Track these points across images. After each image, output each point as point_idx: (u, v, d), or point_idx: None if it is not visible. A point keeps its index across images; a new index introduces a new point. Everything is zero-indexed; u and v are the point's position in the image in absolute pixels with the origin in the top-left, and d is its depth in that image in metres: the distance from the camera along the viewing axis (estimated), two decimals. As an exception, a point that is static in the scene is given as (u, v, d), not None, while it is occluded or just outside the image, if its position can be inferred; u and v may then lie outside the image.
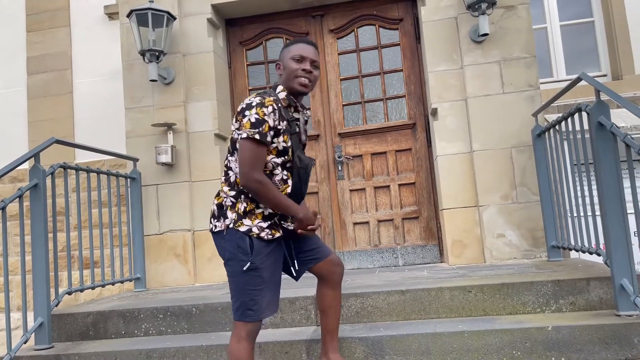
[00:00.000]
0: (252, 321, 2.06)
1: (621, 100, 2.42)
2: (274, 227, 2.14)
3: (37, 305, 2.94)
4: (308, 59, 2.17)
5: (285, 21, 4.73)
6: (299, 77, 2.15)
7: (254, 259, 2.04)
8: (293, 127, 2.16)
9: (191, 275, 4.19)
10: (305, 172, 2.20)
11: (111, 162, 4.96)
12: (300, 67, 2.15)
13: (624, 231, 2.45)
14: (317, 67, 2.22)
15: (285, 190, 2.16)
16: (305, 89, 2.17)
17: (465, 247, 3.92)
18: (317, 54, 2.22)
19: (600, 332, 2.40)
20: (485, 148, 3.91)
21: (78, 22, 5.39)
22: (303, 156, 2.20)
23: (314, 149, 4.60)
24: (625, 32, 4.82)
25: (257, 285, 2.05)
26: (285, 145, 2.12)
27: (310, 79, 2.18)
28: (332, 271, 2.33)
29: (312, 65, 2.19)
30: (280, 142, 2.10)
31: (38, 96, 5.35)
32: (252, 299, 2.05)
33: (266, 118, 2.03)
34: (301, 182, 2.20)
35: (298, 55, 2.16)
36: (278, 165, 2.13)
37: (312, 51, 2.19)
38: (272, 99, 2.08)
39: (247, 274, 2.04)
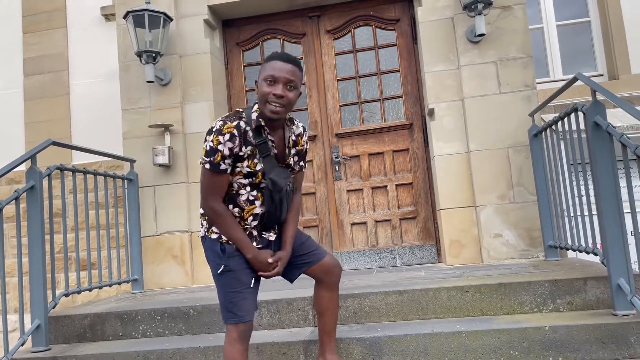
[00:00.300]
0: (235, 323, 2.06)
1: (617, 100, 2.43)
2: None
3: (34, 307, 2.93)
4: (281, 80, 1.99)
5: (282, 22, 4.73)
6: (269, 104, 2.00)
7: (227, 262, 2.07)
8: (264, 150, 2.06)
9: (189, 276, 4.18)
10: (279, 196, 2.11)
11: (108, 164, 4.95)
12: (271, 92, 1.99)
13: (621, 231, 2.45)
14: (294, 88, 2.03)
15: (251, 211, 2.11)
16: (275, 115, 2.01)
17: (462, 247, 3.93)
18: (295, 71, 2.02)
19: (597, 332, 2.41)
20: (482, 148, 3.91)
21: (75, 23, 5.39)
22: (277, 179, 2.08)
23: (311, 150, 4.60)
24: (622, 32, 4.83)
25: (234, 288, 2.06)
26: (251, 170, 2.05)
27: (282, 104, 2.00)
28: (328, 273, 2.32)
29: (286, 87, 2.00)
30: (244, 167, 2.04)
31: (35, 97, 5.34)
32: (231, 301, 2.06)
33: (220, 147, 1.97)
34: (275, 205, 2.12)
35: (270, 76, 2.00)
36: (245, 185, 2.09)
37: (287, 70, 2.00)
38: (234, 125, 1.99)
39: (223, 277, 2.08)
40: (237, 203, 2.11)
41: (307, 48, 4.71)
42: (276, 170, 2.10)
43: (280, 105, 2.01)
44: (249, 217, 2.12)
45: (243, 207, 2.11)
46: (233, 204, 2.11)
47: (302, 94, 2.22)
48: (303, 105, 4.67)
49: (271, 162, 2.09)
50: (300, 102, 4.69)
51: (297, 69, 2.04)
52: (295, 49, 4.73)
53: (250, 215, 2.12)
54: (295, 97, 2.05)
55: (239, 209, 2.11)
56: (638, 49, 4.80)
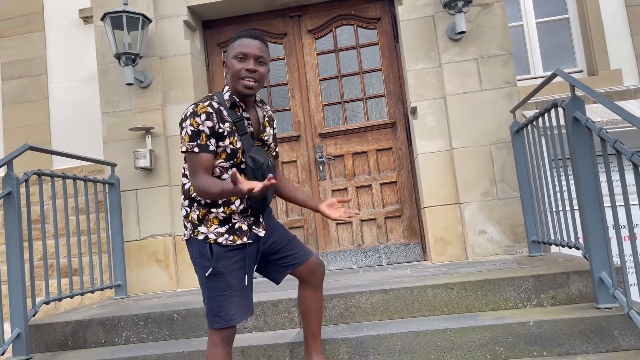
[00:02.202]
0: (220, 327, 2.01)
1: (595, 95, 2.44)
2: (236, 232, 2.05)
3: (13, 315, 2.87)
4: (251, 55, 2.01)
5: (263, 22, 4.71)
6: (242, 79, 2.02)
7: (215, 265, 2.01)
8: (241, 128, 2.05)
9: (173, 280, 4.14)
10: (261, 173, 2.06)
11: (90, 168, 4.88)
12: (244, 67, 2.01)
13: (602, 225, 2.47)
14: (264, 63, 2.06)
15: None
16: (250, 90, 2.04)
17: (447, 245, 3.93)
18: (262, 47, 2.05)
19: (580, 326, 2.42)
20: (464, 145, 3.93)
21: (52, 26, 5.31)
22: (257, 156, 2.06)
23: (295, 150, 4.58)
24: (600, 29, 4.88)
25: (222, 291, 2.00)
26: (234, 147, 2.03)
27: (255, 78, 2.03)
28: (313, 273, 2.29)
29: (257, 62, 2.03)
30: (228, 145, 2.02)
31: (13, 102, 5.25)
32: (218, 304, 2.01)
33: (201, 128, 1.96)
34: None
35: (240, 53, 2.02)
36: (227, 169, 2.05)
37: (255, 46, 2.03)
38: (206, 104, 1.99)
39: (211, 280, 2.02)
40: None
41: (288, 48, 4.69)
42: (254, 148, 2.09)
43: (253, 79, 2.02)
44: (235, 199, 2.06)
45: None
46: None
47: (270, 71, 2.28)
48: (286, 105, 4.65)
49: (249, 141, 2.08)
50: (283, 103, 4.67)
51: (264, 45, 2.08)
52: (276, 49, 4.71)
53: (237, 199, 2.06)
54: (265, 72, 2.08)
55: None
56: (616, 45, 4.86)
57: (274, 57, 4.70)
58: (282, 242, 2.24)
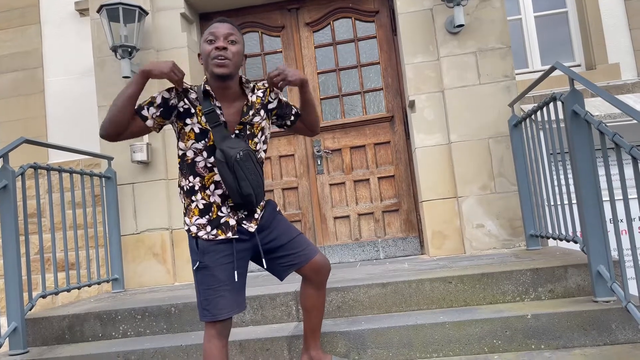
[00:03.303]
0: (209, 321, 2.00)
1: (594, 88, 2.44)
2: (220, 227, 2.03)
3: (10, 309, 2.85)
4: (220, 34, 1.98)
5: (261, 15, 4.68)
6: (214, 59, 1.96)
7: (202, 258, 2.00)
8: (212, 120, 2.00)
9: (170, 274, 4.13)
10: (232, 167, 1.95)
11: (86, 162, 4.85)
12: (213, 47, 1.97)
13: (600, 218, 2.47)
14: (236, 42, 2.01)
15: (211, 178, 2.03)
16: (222, 69, 1.96)
17: (445, 239, 3.93)
18: (232, 27, 2.02)
19: (578, 319, 2.42)
20: (463, 139, 3.92)
21: (48, 19, 5.27)
22: (228, 149, 1.97)
23: (292, 144, 4.57)
24: (598, 22, 4.87)
25: (210, 285, 1.99)
26: (202, 127, 2.00)
27: (226, 55, 1.96)
28: (318, 272, 2.24)
29: (227, 40, 1.99)
30: (195, 123, 2.00)
31: (9, 95, 5.21)
32: (206, 298, 2.00)
33: (154, 94, 2.02)
34: (235, 176, 1.96)
35: (209, 34, 2.00)
36: (201, 150, 2.02)
37: (224, 26, 2.01)
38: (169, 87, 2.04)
39: (199, 273, 2.02)
40: (197, 172, 2.04)
41: (286, 41, 4.66)
42: (228, 141, 2.01)
43: (224, 57, 1.96)
44: (210, 184, 2.03)
45: (203, 174, 2.04)
46: (193, 173, 2.05)
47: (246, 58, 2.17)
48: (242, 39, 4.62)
49: (221, 132, 2.01)
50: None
51: (234, 27, 2.04)
52: (274, 42, 4.69)
53: (211, 183, 2.03)
54: (238, 50, 2.02)
55: (199, 177, 2.04)
56: (615, 39, 4.85)
57: (271, 50, 4.68)
58: (284, 240, 2.19)
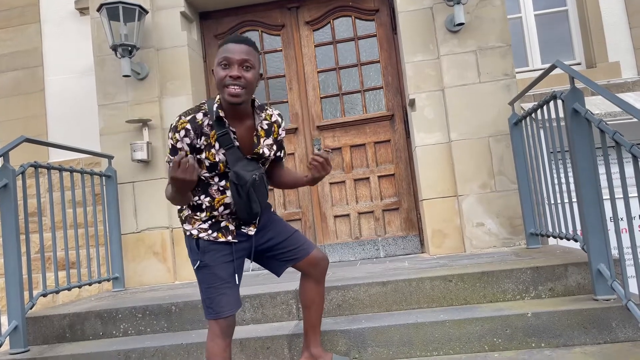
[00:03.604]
0: (213, 319, 2.03)
1: (595, 86, 2.43)
2: (220, 230, 2.07)
3: (10, 308, 2.86)
4: (235, 61, 1.91)
5: (261, 13, 4.68)
6: (227, 87, 1.91)
7: (202, 258, 2.04)
8: (225, 142, 1.99)
9: (171, 273, 4.13)
10: (245, 189, 1.99)
11: (87, 161, 4.86)
12: (227, 74, 1.91)
13: (600, 217, 2.47)
14: (251, 67, 1.94)
15: (221, 200, 2.05)
16: (235, 99, 1.92)
17: (445, 237, 3.93)
18: (249, 51, 1.93)
19: (578, 317, 2.43)
20: (463, 138, 3.92)
21: (48, 18, 5.26)
22: (241, 172, 1.99)
23: (293, 143, 4.57)
24: (599, 21, 4.86)
25: (211, 283, 2.03)
26: (211, 161, 1.99)
27: (240, 85, 1.91)
28: (315, 266, 2.28)
29: (242, 67, 1.92)
30: (204, 158, 1.99)
31: (9, 95, 5.21)
32: (208, 297, 2.04)
33: (179, 145, 1.96)
34: (242, 199, 2.01)
35: (223, 59, 1.92)
36: (213, 176, 2.04)
37: (240, 50, 1.92)
38: (188, 120, 1.96)
39: (200, 272, 2.06)
40: (209, 192, 2.06)
41: (286, 40, 4.66)
42: (241, 163, 2.02)
43: (238, 86, 1.91)
44: (219, 206, 2.06)
45: (214, 196, 2.06)
46: (205, 193, 2.06)
47: (262, 77, 2.13)
48: (283, 98, 4.63)
49: (235, 154, 2.02)
50: (281, 95, 4.65)
51: (251, 49, 1.96)
52: (274, 40, 4.68)
53: (220, 205, 2.06)
54: (253, 77, 1.96)
55: (210, 197, 2.06)
56: (615, 37, 4.85)
57: (271, 49, 4.68)
58: (281, 238, 2.23)
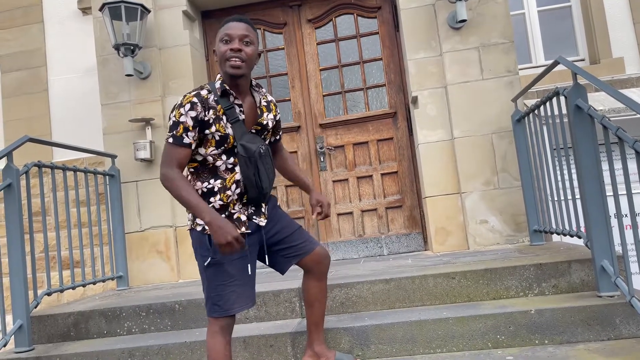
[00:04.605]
0: (220, 316, 2.02)
1: (598, 82, 2.42)
2: (233, 223, 2.04)
3: (15, 307, 2.87)
4: (235, 36, 2.01)
5: (262, 12, 4.68)
6: (228, 60, 2.01)
7: (214, 255, 2.01)
8: (232, 116, 2.03)
9: (174, 271, 4.14)
10: (253, 161, 2.03)
11: (90, 160, 4.87)
12: (228, 48, 2.00)
13: (604, 213, 2.46)
14: (251, 43, 2.04)
15: (232, 178, 2.05)
16: (236, 70, 2.01)
17: (448, 235, 3.93)
18: (248, 28, 2.04)
19: (582, 314, 2.42)
20: (466, 135, 3.91)
21: (51, 18, 5.27)
22: (248, 144, 2.04)
23: (295, 141, 4.57)
24: (602, 17, 4.84)
25: (222, 281, 2.01)
26: (221, 133, 2.01)
27: (241, 57, 2.01)
28: (319, 264, 2.29)
29: (242, 42, 2.02)
30: (215, 132, 2.00)
31: (13, 95, 5.22)
32: (217, 294, 2.02)
33: (182, 119, 1.96)
34: (257, 171, 2.04)
35: (225, 35, 2.03)
36: (220, 155, 2.04)
37: (240, 27, 2.03)
38: (192, 94, 1.99)
39: (210, 269, 2.03)
40: (218, 174, 2.05)
41: (288, 38, 4.66)
42: (247, 136, 2.06)
43: (239, 59, 2.01)
44: (231, 185, 2.05)
45: (225, 177, 2.05)
46: (214, 177, 2.05)
47: (260, 55, 2.21)
48: (286, 96, 4.63)
49: (240, 128, 2.05)
50: (283, 93, 4.65)
51: (250, 27, 2.06)
52: (276, 39, 4.68)
53: (233, 183, 2.05)
54: (252, 52, 2.05)
55: (221, 179, 2.05)
56: (618, 33, 4.82)
57: (273, 47, 4.68)
58: (286, 232, 2.24)
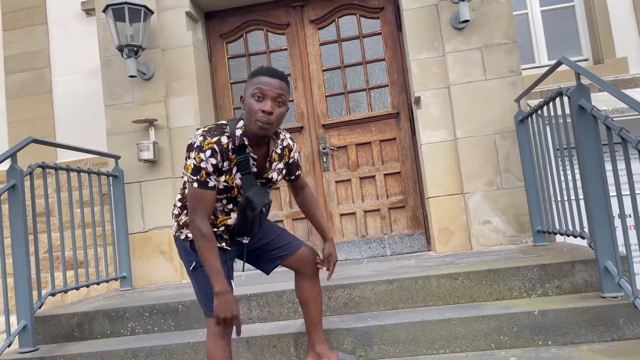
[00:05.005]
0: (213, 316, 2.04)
1: (601, 82, 2.42)
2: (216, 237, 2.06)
3: (19, 307, 2.89)
4: (269, 96, 1.94)
5: (265, 13, 4.68)
6: (258, 121, 1.94)
7: (197, 259, 2.05)
8: (244, 168, 2.02)
9: (177, 272, 4.15)
10: (251, 215, 2.07)
11: (94, 161, 4.88)
12: (260, 108, 1.93)
13: (607, 214, 2.45)
14: (283, 104, 1.98)
15: (224, 221, 2.10)
16: (263, 132, 1.96)
17: (451, 235, 3.92)
18: (282, 86, 1.96)
19: (586, 315, 2.42)
20: (469, 135, 3.90)
21: (55, 19, 5.29)
22: (255, 198, 2.04)
23: (298, 142, 4.57)
24: (606, 16, 4.83)
25: (208, 282, 2.00)
26: (228, 184, 2.02)
27: (271, 121, 1.94)
28: (305, 264, 2.32)
29: (276, 102, 1.95)
30: (221, 181, 2.01)
31: (17, 96, 5.25)
32: (206, 294, 2.06)
33: (202, 165, 1.93)
34: (247, 222, 2.09)
35: (258, 90, 1.94)
36: (221, 199, 2.07)
37: (275, 85, 1.95)
38: (214, 141, 1.95)
39: (197, 272, 2.08)
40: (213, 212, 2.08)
41: (291, 38, 4.67)
42: (254, 189, 2.06)
43: (269, 122, 1.95)
44: (221, 225, 2.12)
45: (217, 215, 2.11)
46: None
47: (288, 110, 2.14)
48: (289, 96, 4.62)
49: (250, 180, 2.05)
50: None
51: (285, 84, 1.99)
52: (279, 39, 4.69)
53: (222, 225, 2.12)
54: (284, 112, 2.00)
55: (213, 217, 2.09)
56: (622, 33, 4.81)
57: (276, 48, 4.69)
58: (268, 238, 2.29)
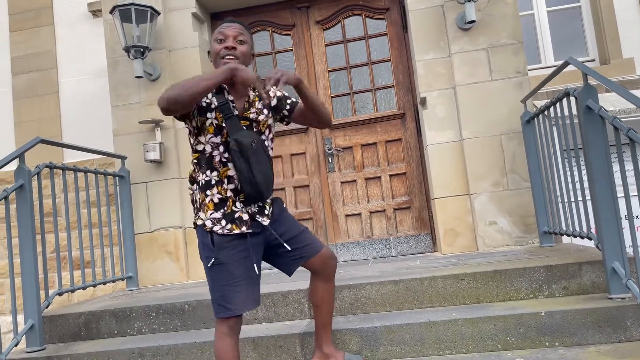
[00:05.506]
0: (226, 317, 2.01)
1: (608, 83, 2.41)
2: (234, 221, 2.04)
3: (27, 307, 2.90)
4: (230, 35, 2.09)
5: (271, 13, 4.69)
6: (223, 58, 2.07)
7: (217, 255, 2.01)
8: (226, 111, 2.06)
9: (183, 272, 4.16)
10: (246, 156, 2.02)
11: (101, 161, 4.91)
12: (223, 46, 2.08)
13: (615, 215, 2.44)
14: (244, 42, 2.12)
15: (225, 172, 2.07)
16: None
17: (457, 236, 3.92)
18: (242, 28, 2.13)
19: (593, 316, 2.41)
20: (475, 136, 3.90)
21: (62, 20, 5.32)
22: (241, 139, 2.04)
23: (304, 142, 4.58)
24: (612, 17, 4.81)
25: (226, 281, 2.00)
26: (219, 122, 2.05)
27: (235, 55, 2.07)
28: (325, 265, 2.29)
29: (236, 40, 2.09)
30: (212, 118, 2.06)
31: (24, 96, 5.28)
32: (222, 294, 2.01)
33: None
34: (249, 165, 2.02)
35: (219, 33, 2.11)
36: (218, 145, 2.07)
37: (234, 27, 2.11)
38: None
39: (214, 270, 2.02)
40: (214, 166, 2.08)
41: (297, 39, 4.67)
42: (241, 132, 2.07)
43: (233, 57, 2.07)
44: (224, 178, 2.08)
45: (218, 169, 2.08)
46: (210, 168, 2.08)
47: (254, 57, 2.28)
48: (294, 96, 4.63)
49: (234, 123, 2.08)
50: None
51: (243, 27, 2.14)
52: (285, 40, 4.70)
53: (225, 177, 2.08)
54: (247, 50, 2.13)
55: (216, 171, 2.08)
56: (629, 33, 4.79)
57: (282, 48, 4.70)
58: (291, 234, 2.22)
